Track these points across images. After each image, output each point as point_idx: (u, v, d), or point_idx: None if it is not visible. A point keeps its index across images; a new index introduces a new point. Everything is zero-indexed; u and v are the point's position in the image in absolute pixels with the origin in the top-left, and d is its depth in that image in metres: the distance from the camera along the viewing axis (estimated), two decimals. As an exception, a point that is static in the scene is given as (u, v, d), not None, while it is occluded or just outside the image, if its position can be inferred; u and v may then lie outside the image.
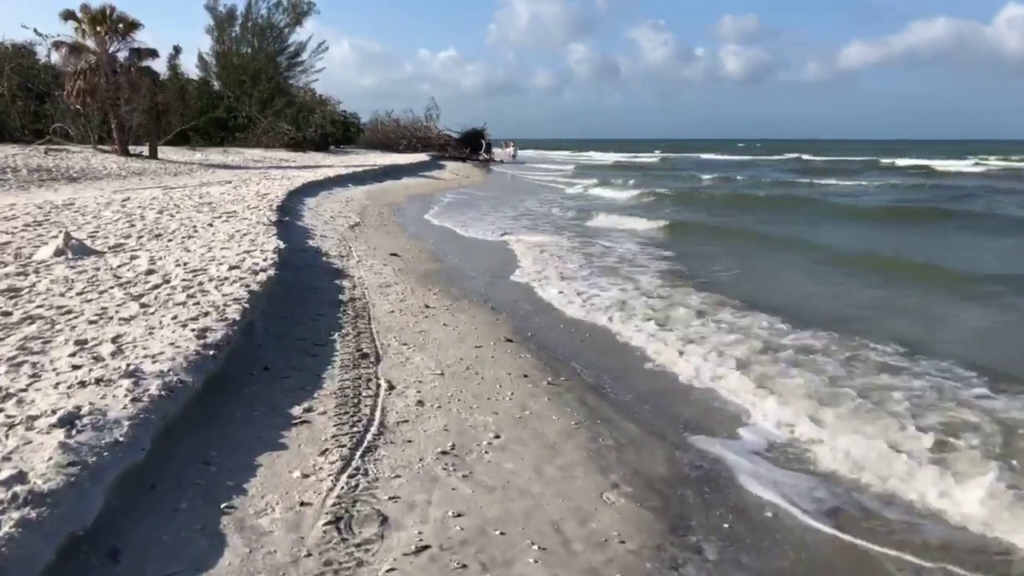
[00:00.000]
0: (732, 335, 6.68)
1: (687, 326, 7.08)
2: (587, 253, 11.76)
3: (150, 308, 5.38)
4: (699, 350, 6.20)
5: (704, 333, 6.79)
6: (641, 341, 6.63)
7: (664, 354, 6.22)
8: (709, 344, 6.39)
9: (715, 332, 6.82)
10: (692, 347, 6.30)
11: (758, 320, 7.21)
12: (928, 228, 16.41)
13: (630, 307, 7.88)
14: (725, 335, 6.69)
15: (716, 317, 7.38)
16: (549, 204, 21.61)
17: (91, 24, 24.52)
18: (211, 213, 11.81)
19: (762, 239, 13.63)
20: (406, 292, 8.02)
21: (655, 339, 6.63)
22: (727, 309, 7.69)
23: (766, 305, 7.81)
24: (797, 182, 33.08)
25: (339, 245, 10.78)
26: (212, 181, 20.02)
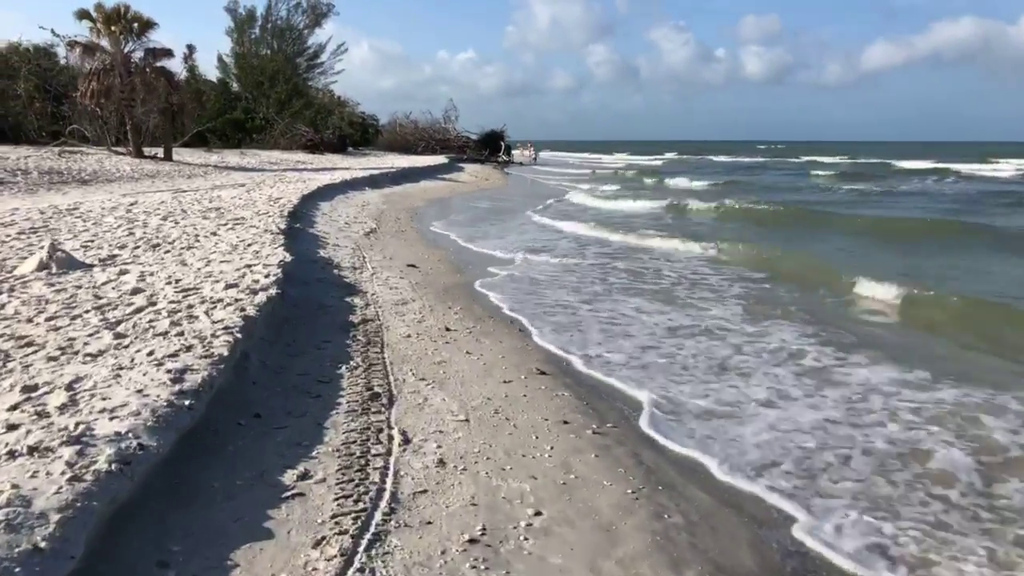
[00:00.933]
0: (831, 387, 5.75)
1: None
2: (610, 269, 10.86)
3: (125, 340, 4.55)
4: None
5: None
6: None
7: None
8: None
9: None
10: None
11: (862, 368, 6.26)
12: None
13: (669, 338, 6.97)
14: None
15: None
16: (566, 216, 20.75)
17: (105, 23, 23.95)
18: (217, 220, 11.04)
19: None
20: (424, 311, 7.16)
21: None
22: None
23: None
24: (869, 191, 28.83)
25: (353, 255, 9.95)
26: (225, 184, 19.32)
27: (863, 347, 6.39)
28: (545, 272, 10.10)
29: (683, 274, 10.15)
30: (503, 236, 13.88)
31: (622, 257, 11.67)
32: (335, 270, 8.66)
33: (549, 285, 9.17)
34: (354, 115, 45.63)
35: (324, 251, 9.91)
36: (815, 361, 6.01)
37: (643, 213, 20.19)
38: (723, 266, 10.87)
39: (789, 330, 6.98)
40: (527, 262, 10.88)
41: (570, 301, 8.22)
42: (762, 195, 25.05)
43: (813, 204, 22.24)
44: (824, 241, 14.16)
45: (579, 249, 12.54)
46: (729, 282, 9.51)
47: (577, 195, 25.10)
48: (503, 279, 9.43)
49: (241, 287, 6.08)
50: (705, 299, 8.46)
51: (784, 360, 6.06)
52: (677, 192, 28.02)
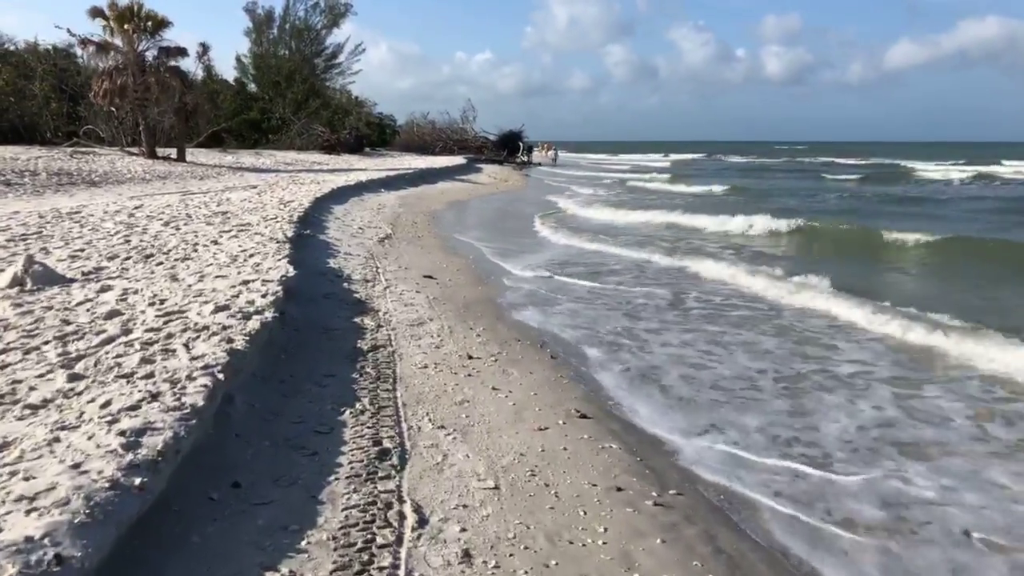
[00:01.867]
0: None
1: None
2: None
3: (80, 384, 3.71)
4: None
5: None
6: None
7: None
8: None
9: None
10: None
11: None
12: None
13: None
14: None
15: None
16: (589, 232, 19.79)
17: (119, 22, 23.31)
18: (221, 226, 10.24)
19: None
20: (443, 333, 6.28)
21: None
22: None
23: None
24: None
25: (365, 265, 9.10)
26: (237, 186, 18.59)
27: None
28: (572, 287, 9.19)
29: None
30: (525, 241, 12.99)
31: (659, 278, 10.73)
32: (345, 283, 7.81)
33: (578, 301, 8.27)
34: (371, 115, 44.97)
35: (334, 261, 9.06)
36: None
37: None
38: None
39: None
40: (552, 272, 9.98)
41: (605, 322, 7.31)
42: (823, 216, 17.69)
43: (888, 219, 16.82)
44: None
45: (602, 263, 11.62)
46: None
47: (593, 206, 24.15)
48: (528, 292, 8.53)
49: (233, 309, 5.23)
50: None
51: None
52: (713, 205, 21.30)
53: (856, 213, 19.54)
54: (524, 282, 9.20)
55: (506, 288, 8.72)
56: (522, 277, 9.55)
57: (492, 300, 7.98)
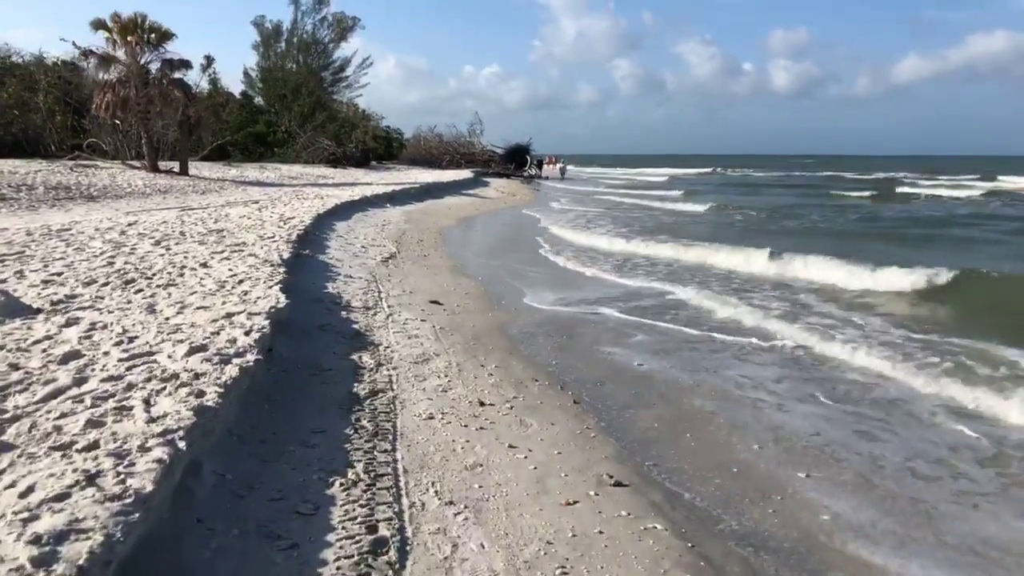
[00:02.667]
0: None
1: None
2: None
3: (3, 458, 2.98)
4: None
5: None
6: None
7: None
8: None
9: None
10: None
11: None
12: None
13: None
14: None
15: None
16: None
17: (121, 33, 22.80)
18: (215, 246, 9.55)
19: None
20: (450, 372, 5.55)
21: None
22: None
23: None
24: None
25: (367, 290, 8.38)
26: (238, 200, 17.95)
27: None
28: (592, 315, 8.45)
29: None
30: (537, 262, 12.26)
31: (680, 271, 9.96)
32: (343, 312, 7.08)
33: (603, 331, 7.52)
34: (378, 129, 44.48)
35: (333, 285, 8.35)
36: None
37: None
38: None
39: None
40: (570, 293, 9.24)
41: (630, 356, 6.56)
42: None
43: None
44: None
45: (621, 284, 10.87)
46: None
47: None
48: (543, 321, 7.79)
49: (211, 351, 4.51)
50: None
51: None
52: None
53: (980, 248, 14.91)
54: (539, 309, 8.46)
55: (519, 315, 7.98)
56: (537, 302, 8.81)
57: (504, 330, 7.24)
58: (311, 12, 49.69)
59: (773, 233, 17.22)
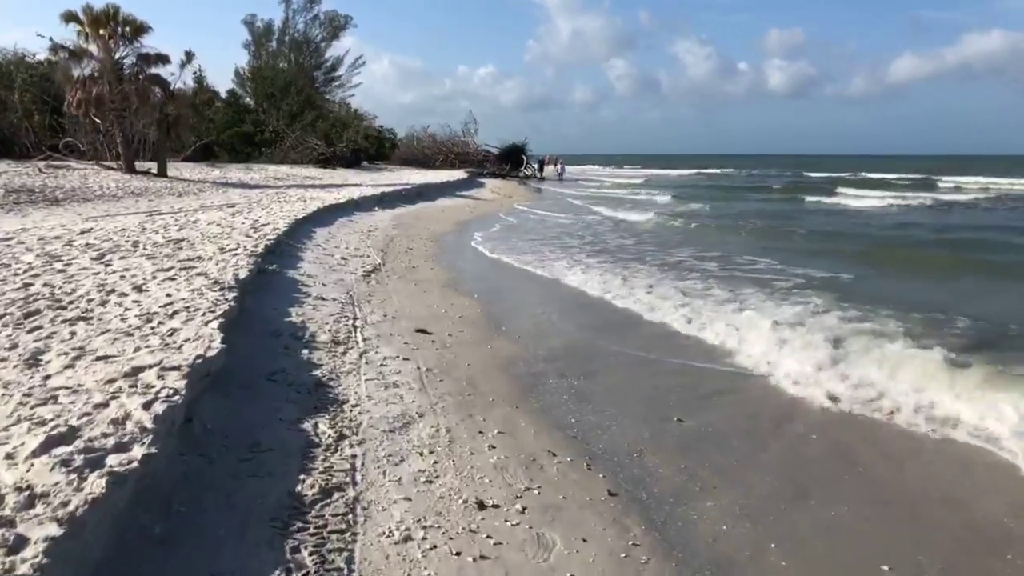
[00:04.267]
0: None
1: None
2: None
3: None
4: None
5: None
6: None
7: None
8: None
9: None
10: None
11: None
12: None
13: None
14: None
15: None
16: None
17: (93, 27, 21.19)
18: (166, 260, 8.02)
19: None
20: (438, 446, 4.04)
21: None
22: None
23: None
24: None
25: (340, 315, 6.85)
26: (214, 204, 16.40)
27: None
28: (615, 349, 6.93)
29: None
30: (544, 271, 10.74)
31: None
32: (304, 350, 5.55)
33: (626, 368, 6.02)
34: (370, 128, 42.95)
35: (299, 310, 6.81)
36: None
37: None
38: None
39: None
40: (588, 319, 7.74)
41: (666, 407, 5.06)
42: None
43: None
44: None
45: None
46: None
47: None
48: (558, 352, 6.27)
49: (80, 441, 2.99)
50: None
51: None
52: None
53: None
54: (551, 335, 6.95)
55: (524, 345, 6.47)
56: (547, 326, 7.31)
57: (507, 370, 5.73)
58: (303, 10, 48.18)
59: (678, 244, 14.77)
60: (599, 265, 11.19)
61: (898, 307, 7.61)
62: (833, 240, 15.51)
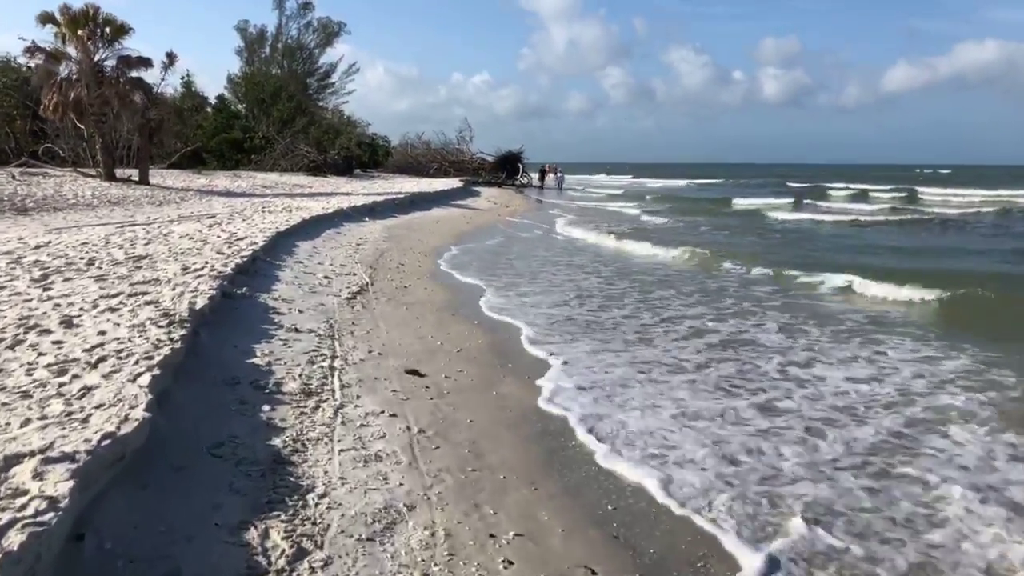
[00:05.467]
0: None
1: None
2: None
3: None
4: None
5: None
6: None
7: None
8: None
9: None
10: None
11: None
12: None
13: None
14: None
15: None
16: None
17: (71, 27, 20.01)
18: (117, 283, 6.85)
19: None
20: (433, 566, 2.89)
21: None
22: None
23: None
24: None
25: (315, 353, 5.68)
26: (194, 214, 15.21)
27: None
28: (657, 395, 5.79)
29: None
30: (553, 292, 9.59)
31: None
32: (265, 405, 4.38)
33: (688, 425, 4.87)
34: (363, 135, 41.83)
35: (267, 347, 5.64)
36: None
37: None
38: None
39: None
40: (626, 351, 6.59)
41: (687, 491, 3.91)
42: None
43: None
44: None
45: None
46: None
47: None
48: (583, 391, 5.11)
49: None
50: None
51: None
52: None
53: None
54: (571, 371, 5.80)
55: (542, 390, 5.32)
56: (564, 360, 6.15)
57: (520, 427, 4.58)
58: (296, 17, 47.10)
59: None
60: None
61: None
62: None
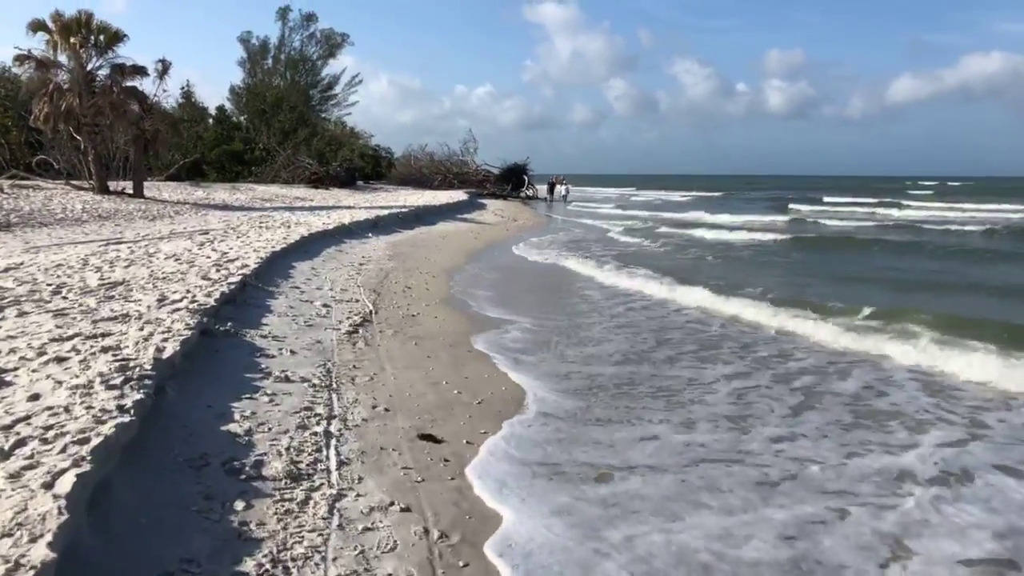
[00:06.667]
0: None
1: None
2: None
3: None
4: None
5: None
6: None
7: None
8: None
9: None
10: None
11: None
12: None
13: None
14: None
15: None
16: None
17: (63, 34, 19.08)
18: (78, 320, 5.80)
19: None
20: None
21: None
22: None
23: None
24: None
25: (307, 413, 4.61)
26: (187, 230, 14.19)
27: None
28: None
29: None
30: (584, 322, 8.53)
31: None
32: (238, 502, 3.30)
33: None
34: (366, 147, 40.94)
35: (248, 406, 4.57)
36: None
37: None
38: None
39: None
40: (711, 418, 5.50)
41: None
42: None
43: None
44: None
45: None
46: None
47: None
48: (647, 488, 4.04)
49: None
50: None
51: None
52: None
53: None
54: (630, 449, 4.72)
55: (596, 461, 4.24)
56: (619, 403, 5.07)
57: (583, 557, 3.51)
58: (299, 28, 46.42)
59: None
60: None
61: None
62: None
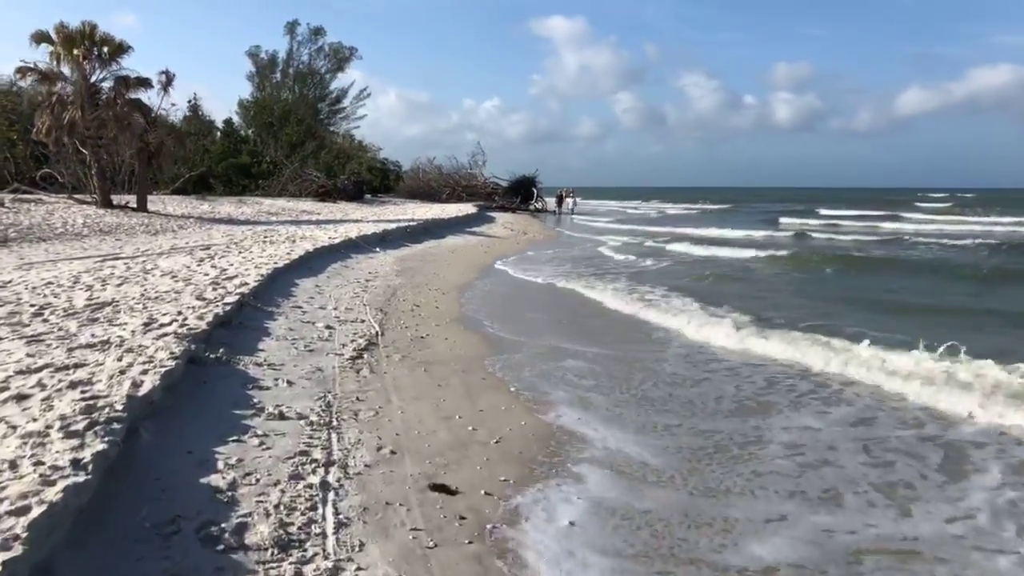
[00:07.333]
0: None
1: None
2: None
3: None
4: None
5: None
6: None
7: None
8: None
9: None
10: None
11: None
12: None
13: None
14: None
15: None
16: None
17: (66, 46, 18.72)
18: (52, 347, 5.24)
19: None
20: None
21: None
22: None
23: None
24: None
25: (302, 460, 4.00)
26: (188, 245, 13.68)
27: None
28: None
29: None
30: (632, 349, 7.88)
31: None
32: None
33: None
34: (375, 160, 40.58)
35: (234, 451, 3.97)
36: None
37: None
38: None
39: None
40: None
41: None
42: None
43: None
44: None
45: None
46: None
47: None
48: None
49: None
50: None
51: None
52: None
53: None
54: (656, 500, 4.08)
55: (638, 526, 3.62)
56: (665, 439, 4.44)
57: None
58: (307, 42, 46.32)
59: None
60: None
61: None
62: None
